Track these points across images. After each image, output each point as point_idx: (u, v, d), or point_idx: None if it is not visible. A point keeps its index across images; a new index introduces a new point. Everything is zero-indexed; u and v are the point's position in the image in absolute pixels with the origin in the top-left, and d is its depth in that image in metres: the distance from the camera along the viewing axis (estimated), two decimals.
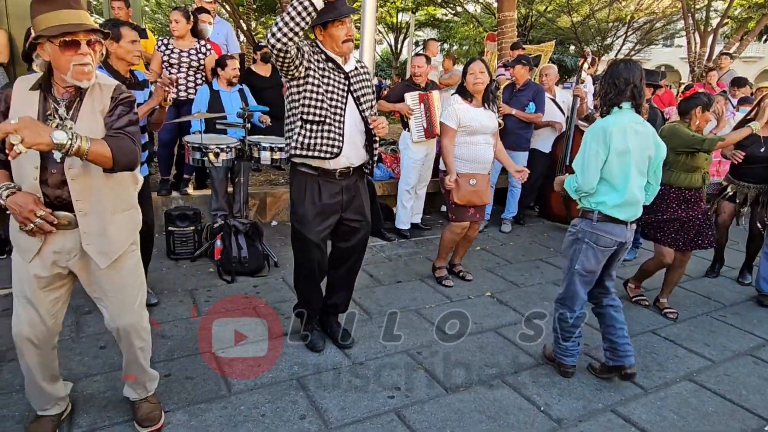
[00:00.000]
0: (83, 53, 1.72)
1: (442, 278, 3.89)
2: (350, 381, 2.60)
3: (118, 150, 1.74)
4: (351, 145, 2.62)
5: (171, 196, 4.66)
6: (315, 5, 2.27)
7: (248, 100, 4.59)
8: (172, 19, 4.65)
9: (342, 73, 2.59)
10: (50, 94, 1.80)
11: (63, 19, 1.70)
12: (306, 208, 2.65)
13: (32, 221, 1.73)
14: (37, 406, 2.05)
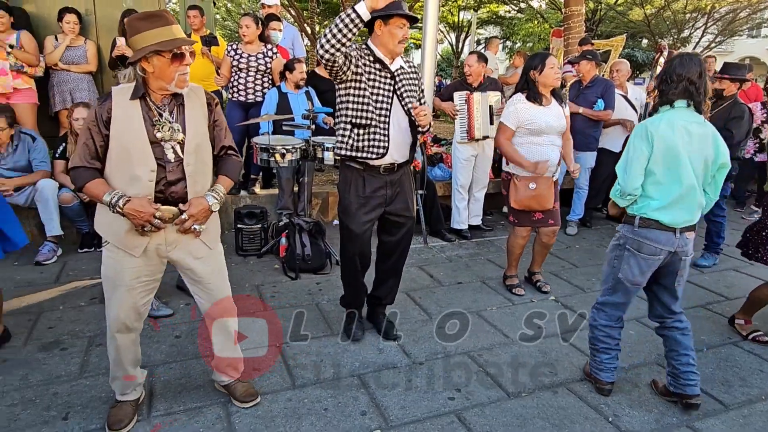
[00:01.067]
0: (186, 64, 1.91)
1: (513, 287, 3.70)
2: (410, 380, 2.61)
3: (234, 174, 2.15)
4: (396, 144, 2.71)
5: (239, 195, 4.87)
6: (362, 17, 2.34)
7: (314, 102, 4.71)
8: (243, 24, 4.86)
9: (388, 72, 2.66)
10: (150, 102, 1.94)
11: (169, 34, 1.87)
12: (350, 200, 2.76)
13: (152, 223, 1.90)
14: (119, 390, 2.20)
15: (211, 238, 2.13)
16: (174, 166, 1.96)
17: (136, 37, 1.85)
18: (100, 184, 1.93)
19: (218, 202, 2.04)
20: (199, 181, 2.03)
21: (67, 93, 4.85)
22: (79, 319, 3.01)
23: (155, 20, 1.86)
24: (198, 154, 2.02)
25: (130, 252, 1.99)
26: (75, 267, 3.75)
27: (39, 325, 2.94)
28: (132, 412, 2.19)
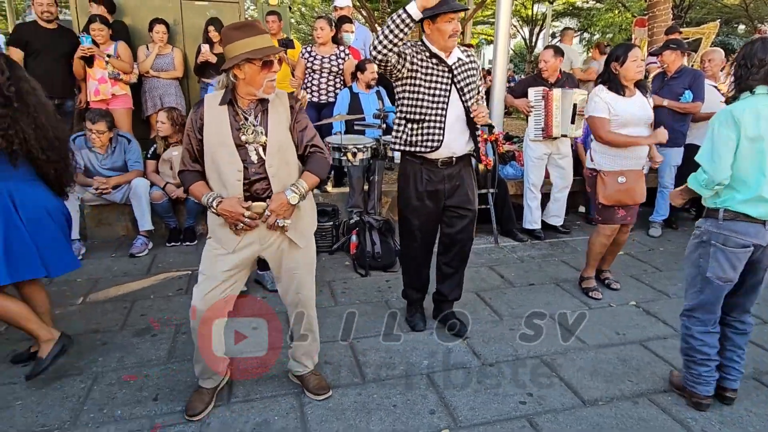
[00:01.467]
0: (275, 71, 2.03)
1: (590, 289, 3.55)
2: (480, 381, 2.57)
3: (320, 170, 2.19)
4: (453, 137, 2.73)
5: (312, 193, 5.01)
6: (413, 17, 2.37)
7: (384, 101, 4.75)
8: (317, 26, 5.00)
9: (445, 66, 2.67)
10: (237, 107, 2.06)
11: (260, 43, 1.97)
12: (409, 193, 2.83)
13: (242, 221, 2.04)
14: (200, 376, 2.33)
15: (299, 234, 2.21)
16: (257, 167, 2.07)
17: (230, 46, 1.96)
18: (201, 186, 2.11)
19: (298, 195, 2.09)
20: (282, 180, 2.11)
21: (158, 98, 5.23)
22: (167, 308, 3.24)
23: (248, 30, 1.98)
24: (280, 155, 2.11)
25: (226, 247, 2.13)
26: (164, 259, 4.04)
27: (133, 312, 3.20)
28: (209, 399, 2.32)
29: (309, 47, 5.04)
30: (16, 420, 2.22)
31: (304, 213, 2.21)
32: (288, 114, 2.14)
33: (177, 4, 5.72)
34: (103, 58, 4.74)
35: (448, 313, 3.08)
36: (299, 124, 2.17)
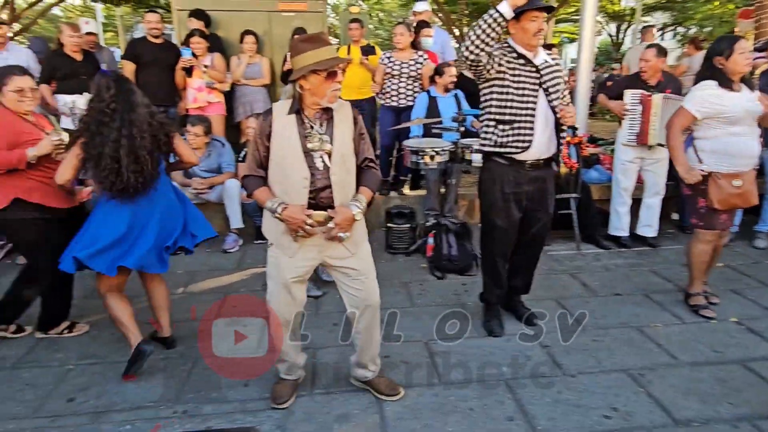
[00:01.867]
0: (338, 81, 2.10)
1: (700, 307, 3.27)
2: (560, 392, 2.51)
3: (374, 185, 2.28)
4: (542, 139, 2.74)
5: (389, 196, 5.11)
6: (505, 15, 2.42)
7: (462, 105, 4.75)
8: (396, 32, 5.09)
9: (533, 67, 2.68)
10: (304, 116, 2.14)
11: (325, 55, 2.05)
12: (495, 195, 2.83)
13: (304, 228, 2.10)
14: (282, 370, 2.45)
15: (352, 243, 2.24)
16: (322, 174, 2.13)
17: (297, 58, 2.06)
18: (265, 191, 2.16)
19: (361, 211, 2.17)
20: (344, 188, 2.18)
21: (248, 105, 5.56)
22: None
23: (314, 42, 2.06)
24: (344, 164, 2.17)
25: (286, 253, 2.21)
26: (252, 256, 4.31)
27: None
28: (291, 390, 2.43)
29: (388, 53, 5.14)
30: (128, 395, 2.48)
31: (357, 223, 2.23)
32: (351, 124, 2.20)
33: (266, 16, 6.06)
34: (201, 68, 5.14)
35: (518, 304, 3.18)
36: (362, 135, 2.24)
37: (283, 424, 2.28)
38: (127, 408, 2.39)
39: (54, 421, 2.30)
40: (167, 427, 2.27)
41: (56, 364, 2.74)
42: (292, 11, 6.09)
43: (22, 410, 2.37)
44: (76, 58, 4.86)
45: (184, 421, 2.30)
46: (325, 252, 2.24)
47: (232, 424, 2.29)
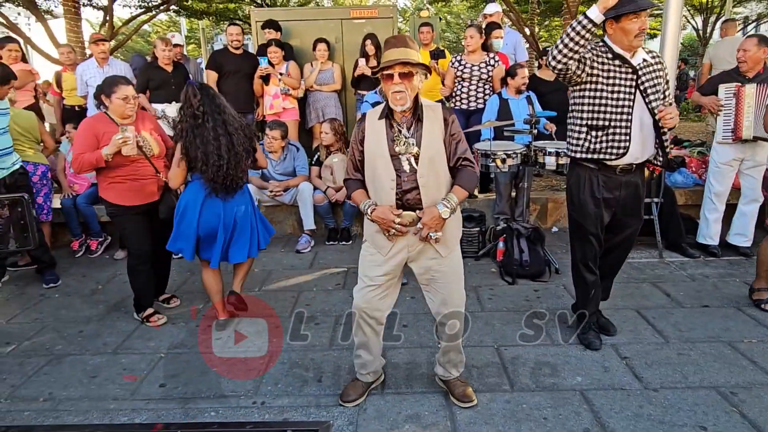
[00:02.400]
0: (395, 83, 2.09)
1: (762, 302, 3.23)
2: (641, 406, 2.39)
3: (470, 184, 2.23)
4: (638, 143, 2.62)
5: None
6: (595, 21, 2.34)
7: (535, 106, 4.64)
8: (467, 35, 5.07)
9: (629, 67, 2.55)
10: (393, 120, 2.19)
11: (388, 56, 2.11)
12: (585, 200, 2.75)
13: (393, 227, 2.16)
14: (357, 369, 2.50)
15: (442, 246, 2.24)
16: (409, 176, 2.16)
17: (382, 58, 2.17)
18: (361, 194, 2.27)
19: (449, 210, 2.14)
20: (432, 190, 2.18)
21: (320, 110, 5.75)
22: (328, 300, 3.57)
23: (391, 43, 2.15)
24: (431, 166, 2.17)
25: (380, 251, 2.27)
26: (324, 256, 4.45)
27: (299, 302, 3.59)
28: (363, 391, 2.47)
29: (459, 56, 5.12)
30: (212, 384, 2.65)
31: (449, 224, 2.22)
32: (442, 126, 2.19)
33: (338, 23, 6.24)
34: (277, 76, 5.38)
35: (597, 312, 3.01)
36: (453, 137, 2.21)
37: (355, 420, 2.34)
38: (212, 396, 2.55)
39: (148, 404, 2.50)
40: (248, 416, 2.40)
41: (149, 351, 2.98)
42: (363, 18, 6.23)
43: (120, 392, 2.60)
44: (167, 70, 5.26)
45: (263, 411, 2.43)
46: (416, 253, 2.26)
47: (306, 418, 2.38)
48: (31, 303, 3.70)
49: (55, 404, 2.52)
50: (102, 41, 5.36)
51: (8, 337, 3.18)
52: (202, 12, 14.67)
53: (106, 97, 3.07)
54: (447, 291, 2.30)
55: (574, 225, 2.86)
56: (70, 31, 8.98)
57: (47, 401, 2.54)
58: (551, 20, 19.91)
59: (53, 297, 3.79)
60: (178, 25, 20.29)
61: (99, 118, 3.12)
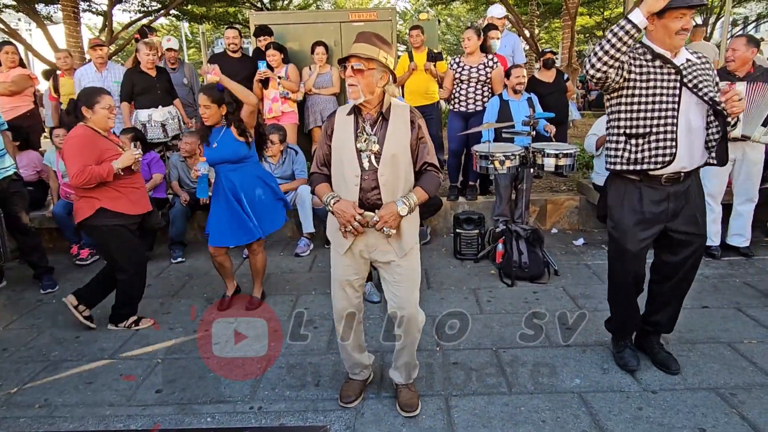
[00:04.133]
0: (349, 75, 2.06)
1: None
2: (640, 408, 2.37)
3: (431, 188, 2.23)
4: (685, 149, 2.37)
5: (458, 201, 5.08)
6: (639, 26, 2.16)
7: (536, 109, 4.64)
8: (465, 37, 5.06)
9: (671, 68, 2.33)
10: (360, 116, 2.17)
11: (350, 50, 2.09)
12: (624, 215, 2.51)
13: (351, 224, 2.13)
14: (349, 370, 2.52)
15: (400, 246, 2.21)
16: (369, 174, 2.14)
17: None
18: (325, 187, 2.25)
19: (407, 207, 2.13)
20: (392, 190, 2.15)
21: (318, 113, 5.75)
22: (326, 303, 3.55)
23: (358, 37, 2.12)
24: (393, 166, 2.13)
25: (338, 250, 2.29)
26: (323, 260, 4.43)
27: (298, 305, 3.57)
28: (359, 389, 2.50)
29: (458, 58, 5.12)
30: (209, 389, 2.63)
31: (406, 225, 2.20)
32: (408, 128, 2.16)
33: (337, 27, 6.24)
34: (276, 79, 5.38)
35: (655, 344, 2.73)
36: (420, 140, 2.19)
37: (353, 425, 2.32)
38: (208, 401, 2.53)
39: (144, 410, 2.49)
40: (245, 421, 2.38)
41: (146, 357, 2.96)
42: (362, 21, 6.23)
43: (116, 398, 2.59)
44: (151, 74, 5.11)
45: (260, 416, 2.41)
46: (374, 251, 2.25)
47: (304, 422, 2.36)
48: (28, 308, 3.70)
49: (50, 411, 2.51)
50: (100, 46, 5.36)
51: (5, 343, 3.18)
52: (201, 16, 14.72)
53: (88, 109, 3.00)
54: (399, 292, 2.26)
55: (613, 243, 2.59)
56: (70, 36, 9.01)
57: (43, 407, 2.53)
58: (551, 22, 19.94)
59: (50, 303, 3.78)
60: (178, 30, 20.37)
61: (87, 129, 3.03)
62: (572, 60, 10.47)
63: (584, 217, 5.09)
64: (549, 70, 5.78)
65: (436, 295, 3.63)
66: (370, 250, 2.25)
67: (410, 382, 2.48)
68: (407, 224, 2.21)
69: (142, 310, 3.40)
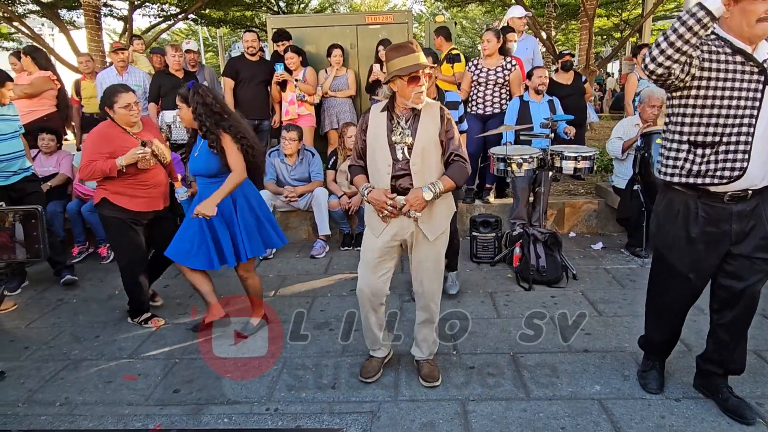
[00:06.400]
0: (420, 84, 2.33)
1: None
2: (663, 416, 2.32)
3: (458, 176, 2.42)
4: (759, 163, 2.04)
5: (474, 204, 5.04)
6: (714, 13, 1.81)
7: (557, 111, 4.60)
8: (484, 39, 5.03)
9: (754, 65, 1.98)
10: (394, 113, 2.44)
11: (408, 62, 2.30)
12: (676, 233, 2.22)
13: (386, 208, 2.38)
14: (369, 346, 2.73)
15: (428, 228, 2.45)
16: (403, 164, 2.40)
17: (388, 64, 2.36)
18: (361, 178, 2.54)
19: (432, 193, 2.35)
20: (423, 178, 2.39)
21: (334, 116, 5.76)
22: (342, 305, 3.55)
23: (400, 50, 2.33)
24: (423, 156, 2.39)
25: (374, 233, 2.50)
26: (338, 262, 4.43)
27: (314, 307, 3.58)
28: (378, 366, 2.70)
29: (475, 60, 5.09)
30: (225, 390, 2.64)
31: (437, 211, 2.46)
32: (438, 122, 2.41)
33: (353, 29, 6.26)
34: (293, 82, 5.40)
35: (723, 387, 2.37)
36: (448, 133, 2.43)
37: (369, 428, 2.31)
38: (225, 402, 2.54)
39: (162, 410, 2.50)
40: (261, 423, 2.38)
41: (164, 356, 2.99)
42: (378, 24, 6.25)
43: (135, 397, 2.61)
44: (178, 76, 5.29)
45: (276, 418, 2.41)
46: (408, 236, 2.47)
47: (320, 425, 2.36)
48: (49, 308, 3.76)
49: (70, 409, 2.54)
50: (121, 50, 5.45)
51: (27, 342, 3.23)
52: (219, 20, 14.91)
53: (109, 109, 3.12)
54: (425, 274, 2.53)
55: (660, 260, 2.33)
56: (92, 40, 9.18)
57: (63, 406, 2.56)
58: (568, 24, 19.76)
59: (71, 302, 3.84)
60: (196, 34, 20.64)
61: (109, 125, 3.16)
62: (590, 62, 10.36)
63: (603, 221, 5.01)
64: (567, 73, 5.73)
65: (453, 299, 3.60)
66: (403, 233, 2.46)
67: (431, 358, 2.69)
68: (439, 209, 2.47)
69: (161, 310, 3.43)
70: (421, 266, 2.52)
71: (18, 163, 3.70)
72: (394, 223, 2.44)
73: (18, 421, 2.45)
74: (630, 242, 4.45)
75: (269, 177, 4.72)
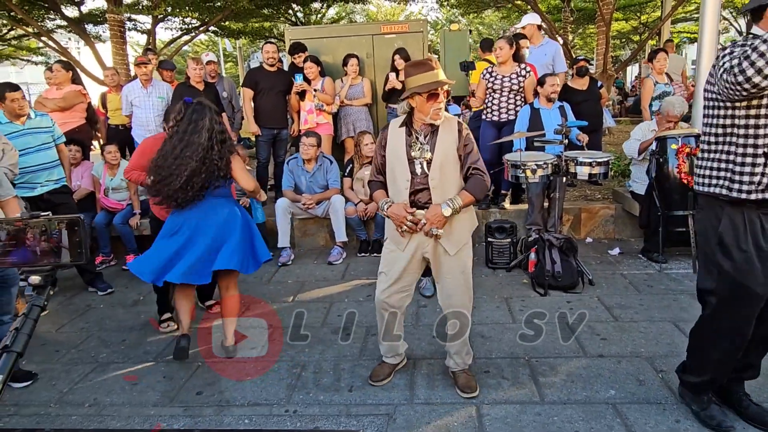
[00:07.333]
0: (440, 101, 2.38)
1: None
2: (678, 421, 2.32)
3: (477, 191, 2.44)
4: None
5: (489, 210, 5.07)
6: None
7: (568, 117, 4.61)
8: (497, 46, 5.07)
9: None
10: (412, 128, 2.47)
11: (427, 78, 2.34)
12: (746, 251, 2.03)
13: (405, 224, 2.42)
14: (383, 352, 2.76)
15: (449, 243, 2.47)
16: (422, 179, 2.43)
17: (407, 80, 2.40)
18: (381, 193, 2.59)
19: (451, 209, 2.38)
20: (442, 193, 2.42)
21: (351, 124, 5.85)
22: (359, 311, 3.62)
23: (419, 67, 2.38)
24: (442, 171, 2.42)
25: (398, 246, 2.52)
26: (355, 268, 4.51)
27: (331, 312, 3.65)
28: (389, 372, 2.74)
29: (490, 67, 5.14)
30: (246, 392, 2.73)
31: (458, 225, 2.47)
32: (456, 137, 2.44)
33: (369, 39, 6.36)
34: (312, 92, 5.52)
35: (744, 398, 2.34)
36: (466, 147, 2.45)
37: (385, 429, 2.36)
38: (246, 404, 2.63)
39: (186, 411, 2.60)
40: (281, 424, 2.46)
41: (188, 359, 3.08)
42: (394, 33, 6.33)
43: (160, 399, 2.71)
44: (198, 88, 5.40)
45: (295, 419, 2.48)
46: (430, 249, 2.49)
47: (337, 426, 2.42)
48: (78, 313, 3.90)
49: (99, 409, 2.65)
50: (145, 64, 5.64)
51: (57, 345, 3.37)
52: (239, 32, 15.22)
53: (165, 123, 3.27)
54: (452, 288, 2.52)
55: (727, 281, 2.09)
56: (116, 54, 9.48)
57: (92, 407, 2.68)
58: (585, 28, 19.64)
59: (98, 307, 3.99)
60: (216, 45, 21.07)
61: (155, 139, 3.22)
62: (607, 66, 10.30)
63: (620, 226, 4.99)
64: (582, 78, 5.73)
65: None
66: (425, 246, 2.49)
67: (466, 368, 2.67)
68: (459, 223, 2.48)
69: None
70: (445, 280, 2.53)
71: (44, 174, 3.81)
72: (414, 239, 2.48)
73: (50, 421, 2.57)
74: (646, 247, 4.43)
75: (287, 185, 4.83)
